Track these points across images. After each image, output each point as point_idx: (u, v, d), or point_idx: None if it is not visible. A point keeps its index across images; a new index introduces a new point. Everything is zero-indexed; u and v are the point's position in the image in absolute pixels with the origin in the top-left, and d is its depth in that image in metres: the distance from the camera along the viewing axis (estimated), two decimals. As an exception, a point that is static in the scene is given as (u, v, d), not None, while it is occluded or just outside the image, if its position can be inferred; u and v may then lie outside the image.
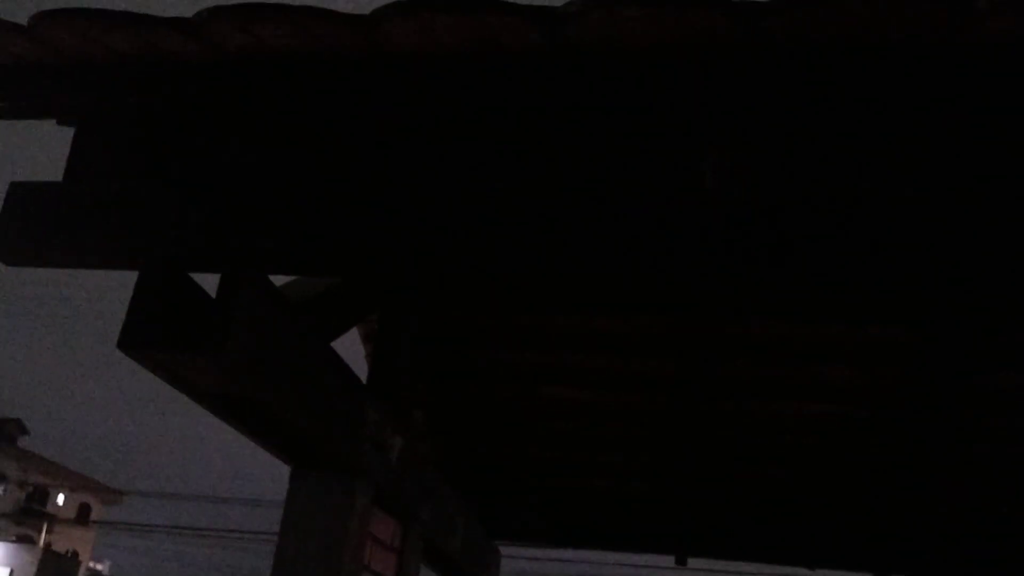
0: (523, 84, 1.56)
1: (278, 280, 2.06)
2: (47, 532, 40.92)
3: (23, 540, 38.82)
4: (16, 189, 1.78)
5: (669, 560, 4.82)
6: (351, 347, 2.95)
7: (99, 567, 45.88)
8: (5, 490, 40.10)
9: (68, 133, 1.87)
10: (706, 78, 1.39)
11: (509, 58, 1.51)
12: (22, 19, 1.64)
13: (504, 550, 5.01)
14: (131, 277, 1.75)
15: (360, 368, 2.61)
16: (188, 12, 1.55)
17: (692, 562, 4.85)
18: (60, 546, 40.19)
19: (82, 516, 43.24)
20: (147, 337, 1.69)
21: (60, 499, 42.70)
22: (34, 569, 34.88)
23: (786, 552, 4.51)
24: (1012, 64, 1.45)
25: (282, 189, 1.67)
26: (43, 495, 41.86)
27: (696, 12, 1.23)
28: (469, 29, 1.44)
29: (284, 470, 2.44)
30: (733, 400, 3.63)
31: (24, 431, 41.39)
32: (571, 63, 1.46)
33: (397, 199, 1.64)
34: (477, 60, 1.53)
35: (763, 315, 3.11)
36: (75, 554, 41.59)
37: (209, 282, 1.79)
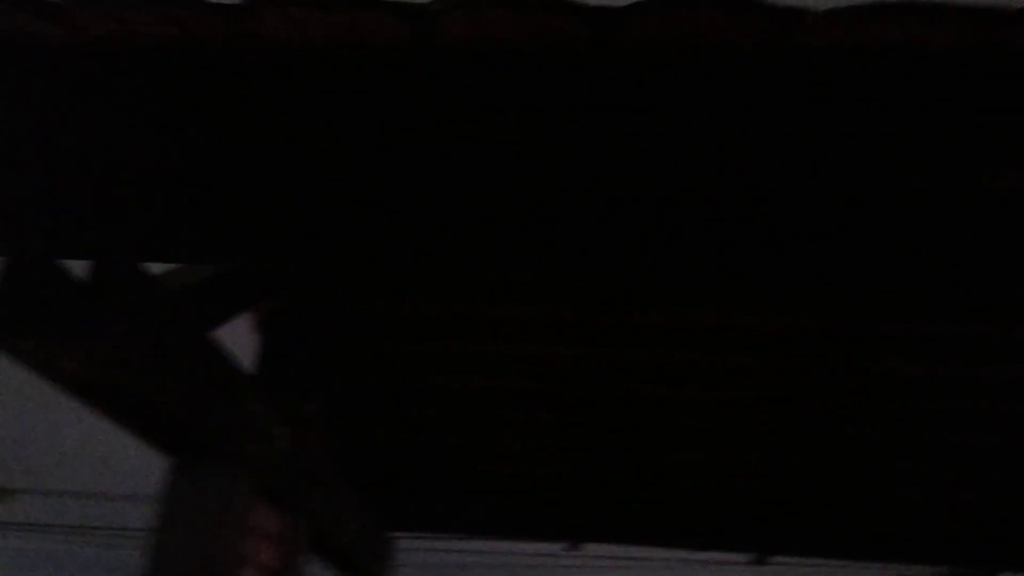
0: (396, 79, 1.60)
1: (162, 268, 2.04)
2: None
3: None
4: None
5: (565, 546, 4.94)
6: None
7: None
8: None
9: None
10: (566, 80, 1.45)
11: (380, 53, 1.54)
12: None
13: (405, 542, 5.03)
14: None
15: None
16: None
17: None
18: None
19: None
20: (13, 325, 1.66)
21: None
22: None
23: (679, 536, 4.65)
24: (839, 73, 1.57)
25: (151, 174, 1.66)
26: (-77, 496, 39.82)
27: (552, 16, 1.28)
28: (339, 24, 1.46)
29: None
30: (635, 386, 3.74)
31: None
32: (441, 60, 1.50)
33: (267, 187, 1.66)
34: (350, 54, 1.56)
35: (648, 304, 3.22)
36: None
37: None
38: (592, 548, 5.09)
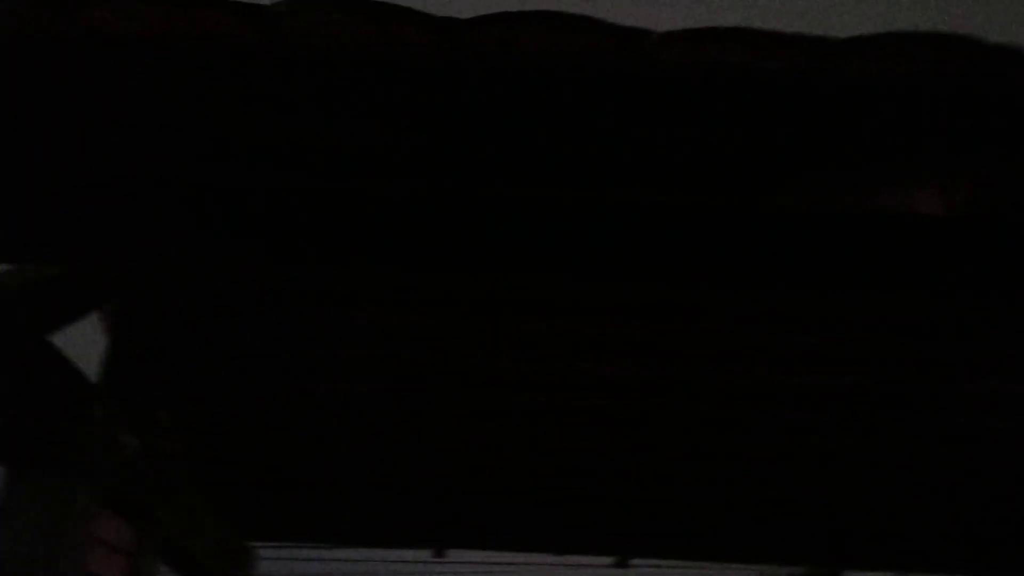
0: (243, 78, 1.57)
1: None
2: None
3: None
4: None
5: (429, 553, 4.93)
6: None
7: None
8: None
9: None
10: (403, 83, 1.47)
11: (228, 51, 1.52)
12: None
13: (268, 551, 4.92)
14: None
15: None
16: None
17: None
18: None
19: None
20: None
21: None
22: None
23: (542, 540, 4.72)
24: (685, 89, 1.64)
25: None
26: None
27: (395, 23, 1.30)
28: (182, 20, 1.43)
29: None
30: (494, 392, 3.77)
31: None
32: (286, 59, 1.49)
33: (111, 185, 1.60)
34: (196, 50, 1.53)
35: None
36: None
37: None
38: (457, 555, 5.11)
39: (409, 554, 5.88)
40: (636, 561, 5.43)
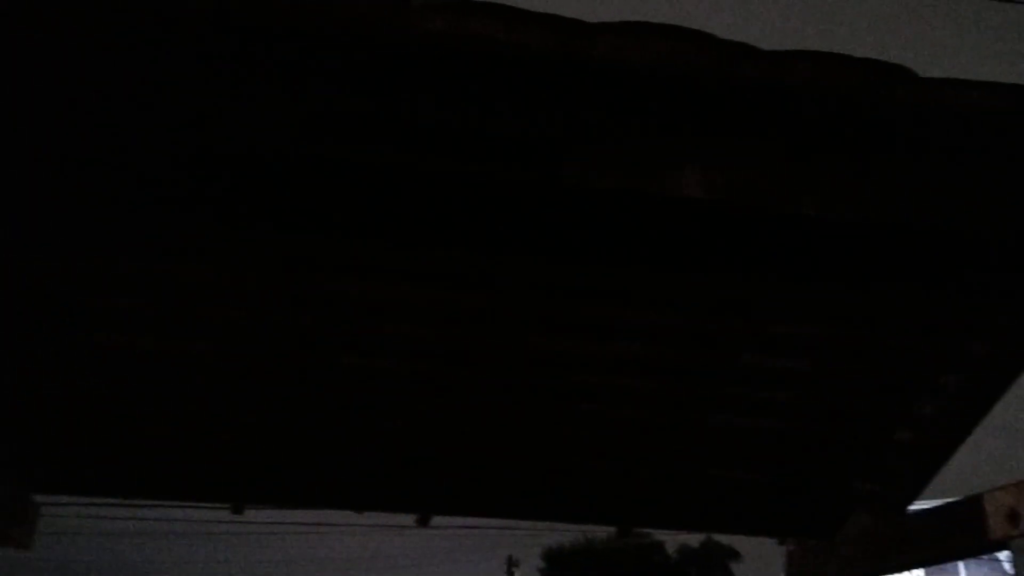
0: None
1: None
2: None
3: None
4: None
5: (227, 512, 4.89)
6: None
7: None
8: None
9: None
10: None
11: None
12: None
13: (53, 509, 4.75)
14: None
15: None
16: None
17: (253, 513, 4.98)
18: None
19: None
20: None
21: None
22: None
23: (342, 498, 4.77)
24: (445, 58, 1.72)
25: None
26: None
27: None
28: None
29: None
30: (288, 351, 3.78)
31: None
32: None
33: None
34: None
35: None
36: None
37: None
38: (257, 515, 5.10)
39: (210, 514, 5.81)
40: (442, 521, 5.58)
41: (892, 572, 4.72)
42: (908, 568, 5.37)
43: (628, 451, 4.71)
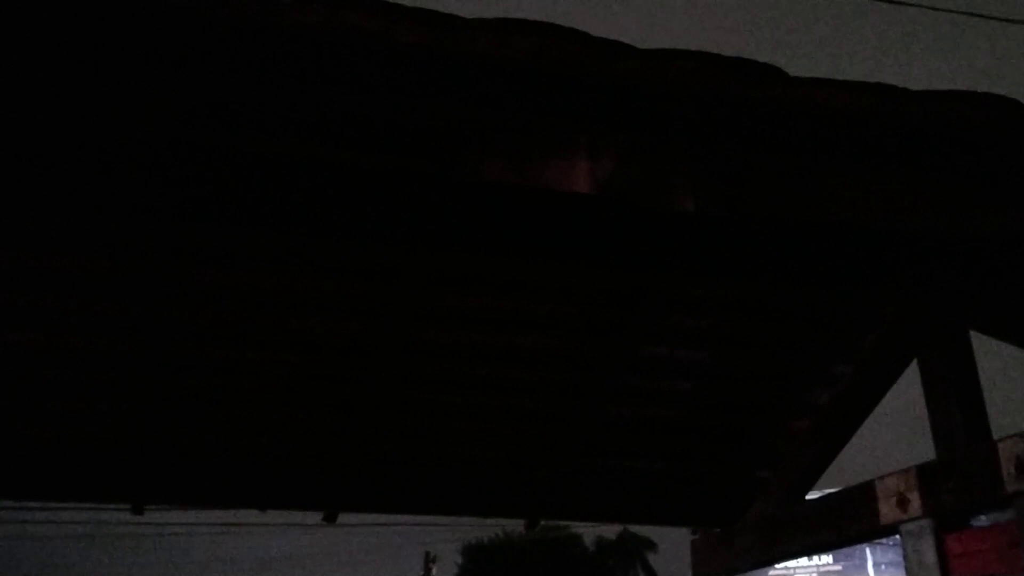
0: None
1: None
2: None
3: None
4: None
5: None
6: None
7: None
8: None
9: None
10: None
11: None
12: None
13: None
14: None
15: None
16: None
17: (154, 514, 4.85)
18: None
19: None
20: None
21: None
22: None
23: (242, 495, 4.67)
24: (320, 50, 1.70)
25: None
26: None
27: None
28: None
29: None
30: (183, 346, 3.71)
31: None
32: None
33: None
34: None
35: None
36: None
37: None
38: (166, 516, 4.97)
39: (114, 515, 5.64)
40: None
41: (790, 557, 4.87)
42: (806, 554, 5.55)
43: (532, 443, 4.74)
